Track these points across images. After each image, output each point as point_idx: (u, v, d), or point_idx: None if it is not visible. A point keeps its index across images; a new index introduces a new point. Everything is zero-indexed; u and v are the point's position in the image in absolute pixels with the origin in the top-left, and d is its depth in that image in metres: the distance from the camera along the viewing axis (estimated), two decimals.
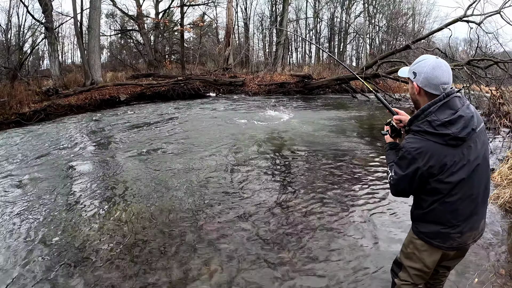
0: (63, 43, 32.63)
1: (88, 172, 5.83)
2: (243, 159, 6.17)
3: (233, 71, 20.46)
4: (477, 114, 1.78)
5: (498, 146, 7.18)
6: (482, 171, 1.81)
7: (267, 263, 3.14)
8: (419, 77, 1.79)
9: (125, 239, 3.58)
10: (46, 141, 8.04)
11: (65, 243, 3.51)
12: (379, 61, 13.75)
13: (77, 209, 4.36)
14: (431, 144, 1.72)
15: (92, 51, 16.32)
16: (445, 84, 1.74)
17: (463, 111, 1.72)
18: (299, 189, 4.80)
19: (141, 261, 3.18)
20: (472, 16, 11.58)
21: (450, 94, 1.73)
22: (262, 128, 8.58)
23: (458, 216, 1.81)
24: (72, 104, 12.87)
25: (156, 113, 11.40)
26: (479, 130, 1.77)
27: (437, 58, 1.78)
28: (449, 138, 1.69)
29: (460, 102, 1.75)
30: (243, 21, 32.12)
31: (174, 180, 5.18)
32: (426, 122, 1.74)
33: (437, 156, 1.71)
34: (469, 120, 1.71)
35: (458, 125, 1.69)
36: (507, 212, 4.06)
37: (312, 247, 3.36)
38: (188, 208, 4.24)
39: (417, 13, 31.52)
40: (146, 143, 7.43)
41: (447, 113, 1.71)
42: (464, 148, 1.73)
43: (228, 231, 3.68)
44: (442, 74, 1.75)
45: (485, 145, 1.84)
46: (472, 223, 1.85)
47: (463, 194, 1.77)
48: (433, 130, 1.71)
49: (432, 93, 1.77)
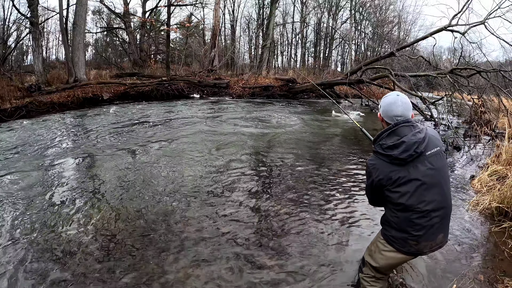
0: (48, 38, 32.10)
1: (62, 171, 5.58)
2: (224, 161, 6.01)
3: (218, 73, 20.31)
4: (432, 139, 2.15)
5: (479, 153, 7.22)
6: (436, 191, 2.11)
7: (246, 266, 3.01)
8: (381, 109, 2.30)
9: (97, 241, 3.39)
10: (24, 139, 7.78)
11: (32, 243, 3.31)
12: (363, 67, 13.80)
13: (47, 208, 4.12)
14: (381, 162, 2.17)
15: (76, 48, 15.85)
16: (398, 117, 2.19)
17: (408, 137, 2.09)
18: (279, 193, 4.65)
19: (114, 265, 3.00)
20: (456, 26, 11.75)
21: (398, 124, 2.16)
22: (244, 132, 8.45)
23: (414, 226, 2.12)
24: (55, 102, 12.45)
25: (138, 113, 11.12)
26: (430, 153, 2.11)
27: (397, 95, 2.24)
28: (392, 158, 2.11)
29: (409, 130, 2.14)
30: (230, 23, 32.13)
31: (152, 181, 4.98)
32: (379, 145, 2.20)
33: (385, 171, 2.14)
34: (412, 145, 2.07)
35: (399, 148, 2.09)
36: (486, 218, 4.03)
37: (290, 250, 3.24)
38: (165, 209, 4.06)
39: (402, 21, 32.01)
40: (125, 143, 7.20)
41: (393, 139, 2.14)
42: (410, 167, 2.10)
43: (205, 233, 3.53)
44: (396, 109, 2.20)
45: (442, 169, 2.15)
46: (428, 235, 2.13)
47: (415, 208, 2.10)
48: (382, 151, 2.16)
49: (389, 122, 2.25)
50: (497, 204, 4.11)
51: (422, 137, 2.10)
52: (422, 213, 2.09)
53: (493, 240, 3.54)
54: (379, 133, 2.24)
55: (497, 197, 4.24)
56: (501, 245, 3.42)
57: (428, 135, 2.14)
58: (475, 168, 6.16)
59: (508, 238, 3.50)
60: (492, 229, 3.72)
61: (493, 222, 3.89)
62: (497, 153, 6.15)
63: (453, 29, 11.75)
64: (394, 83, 11.98)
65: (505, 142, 6.17)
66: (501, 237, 3.53)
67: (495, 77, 11.02)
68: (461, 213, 4.18)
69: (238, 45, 31.68)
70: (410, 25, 33.21)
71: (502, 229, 3.69)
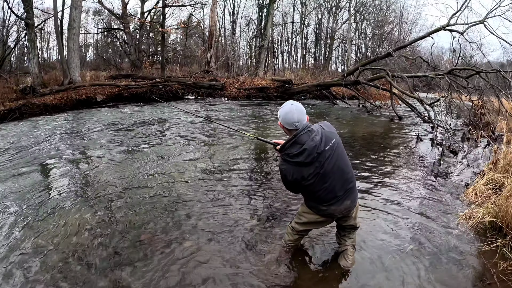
0: (49, 39, 32.03)
1: (48, 173, 5.50)
2: (214, 167, 5.70)
3: (214, 74, 19.97)
4: (328, 135, 2.63)
5: (477, 158, 6.85)
6: (336, 172, 2.66)
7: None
8: (280, 119, 2.65)
9: (68, 250, 3.20)
10: (15, 141, 7.81)
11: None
12: (360, 67, 13.44)
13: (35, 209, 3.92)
14: (291, 166, 2.62)
15: (71, 50, 15.68)
16: (296, 123, 2.58)
17: (308, 144, 2.54)
18: (270, 202, 4.35)
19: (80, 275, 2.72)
20: (455, 25, 11.43)
21: (297, 134, 2.56)
22: (235, 135, 8.10)
23: (322, 201, 2.74)
24: (48, 104, 12.42)
25: (131, 116, 10.88)
26: (328, 148, 2.60)
27: (291, 105, 2.62)
28: (299, 163, 2.57)
29: (307, 136, 2.56)
30: (230, 24, 31.83)
31: (138, 186, 4.78)
32: (286, 154, 2.64)
33: (297, 172, 2.61)
34: (312, 149, 2.54)
35: (304, 155, 2.55)
36: (477, 234, 3.62)
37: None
38: (154, 215, 3.78)
39: (403, 22, 31.63)
40: (115, 145, 7.00)
41: (296, 148, 2.57)
42: (316, 163, 2.58)
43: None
44: (292, 116, 2.58)
45: (339, 155, 2.68)
46: (334, 204, 2.73)
47: (321, 188, 2.66)
48: (290, 159, 2.61)
49: (289, 128, 2.63)
50: (491, 218, 3.72)
51: (319, 138, 2.57)
52: (327, 190, 2.67)
53: (482, 261, 3.13)
54: (284, 143, 2.66)
55: (491, 210, 3.85)
56: (491, 267, 3.02)
57: (323, 134, 2.61)
58: (471, 175, 5.78)
59: (499, 259, 3.08)
60: (483, 248, 3.30)
61: (485, 239, 3.47)
62: (494, 159, 5.73)
63: (451, 28, 11.45)
64: (391, 84, 11.62)
65: (503, 147, 5.79)
66: (492, 257, 3.12)
67: (495, 78, 10.70)
68: (450, 227, 3.78)
69: (238, 46, 31.42)
70: (411, 25, 32.86)
71: (495, 247, 3.26)
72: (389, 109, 13.05)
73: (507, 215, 3.59)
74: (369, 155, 6.79)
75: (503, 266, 3.01)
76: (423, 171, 5.98)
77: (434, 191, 4.95)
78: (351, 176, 2.78)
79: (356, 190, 2.88)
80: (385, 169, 5.94)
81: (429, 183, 5.31)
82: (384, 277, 2.92)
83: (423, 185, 5.24)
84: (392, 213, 4.14)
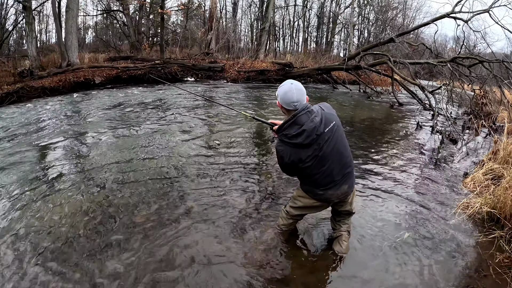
0: (47, 22, 31.54)
1: (44, 156, 5.46)
2: (211, 148, 5.66)
3: (214, 56, 19.72)
4: (328, 117, 2.55)
5: (477, 147, 6.80)
6: (334, 156, 2.59)
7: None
8: (279, 98, 2.59)
9: (60, 232, 3.17)
10: (12, 124, 7.78)
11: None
12: (361, 52, 13.22)
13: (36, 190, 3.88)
14: (288, 147, 2.55)
15: (69, 32, 15.41)
16: (295, 103, 2.51)
17: (307, 125, 2.47)
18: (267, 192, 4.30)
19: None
20: (460, 13, 11.23)
21: (296, 114, 2.49)
22: (233, 117, 7.99)
23: (319, 185, 2.68)
24: (46, 87, 12.22)
25: (129, 98, 10.74)
26: (328, 130, 2.53)
27: (291, 84, 2.55)
28: (298, 144, 2.50)
29: (306, 117, 2.49)
30: (232, 6, 31.34)
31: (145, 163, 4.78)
32: (283, 135, 2.57)
33: (294, 154, 2.54)
34: (312, 131, 2.47)
35: (302, 136, 2.48)
36: (475, 225, 3.59)
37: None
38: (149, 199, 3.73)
39: (407, 8, 31.16)
40: (111, 128, 6.90)
41: (295, 128, 2.50)
42: (315, 146, 2.51)
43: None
44: (292, 96, 2.51)
45: (338, 137, 2.61)
46: (331, 189, 2.68)
47: (318, 172, 2.60)
48: (288, 140, 2.54)
49: (288, 109, 2.57)
50: (489, 209, 3.69)
51: (319, 120, 2.49)
52: (325, 174, 2.61)
53: (479, 251, 3.12)
54: (281, 124, 2.59)
55: (490, 200, 3.82)
56: (488, 258, 3.00)
57: (323, 116, 2.54)
58: (471, 164, 5.73)
59: (496, 250, 3.06)
60: (480, 239, 3.29)
61: (482, 229, 3.46)
62: (494, 150, 5.69)
63: (456, 16, 11.23)
64: (393, 70, 11.47)
65: (504, 138, 5.72)
66: (488, 249, 3.11)
67: (498, 68, 10.57)
68: (447, 216, 3.75)
69: (239, 28, 31.02)
70: (415, 12, 32.35)
71: (491, 239, 3.25)
72: (390, 95, 12.93)
73: (505, 206, 3.55)
74: (368, 141, 6.74)
75: (500, 258, 2.99)
76: (422, 158, 5.93)
77: (432, 179, 4.91)
78: (349, 160, 2.73)
79: (354, 175, 2.84)
80: (383, 155, 5.89)
81: (427, 171, 5.27)
82: (379, 264, 2.90)
83: (421, 172, 5.20)
84: (389, 200, 4.11)
